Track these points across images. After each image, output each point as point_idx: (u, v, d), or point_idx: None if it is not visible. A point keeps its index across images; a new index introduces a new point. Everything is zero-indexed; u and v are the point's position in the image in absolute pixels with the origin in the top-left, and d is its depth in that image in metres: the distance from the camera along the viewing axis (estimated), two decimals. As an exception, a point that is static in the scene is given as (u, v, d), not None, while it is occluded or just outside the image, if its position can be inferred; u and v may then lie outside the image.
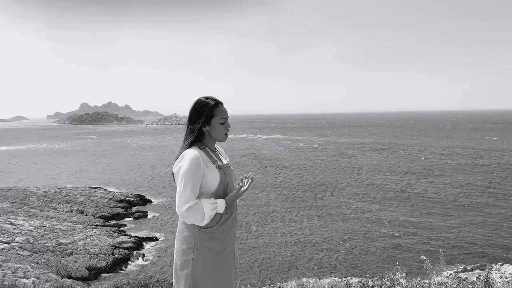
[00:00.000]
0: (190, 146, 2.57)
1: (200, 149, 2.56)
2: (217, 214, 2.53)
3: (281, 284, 5.27)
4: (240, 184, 2.61)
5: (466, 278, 3.31)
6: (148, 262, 19.94)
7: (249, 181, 2.63)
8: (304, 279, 5.03)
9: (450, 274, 3.85)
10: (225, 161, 2.72)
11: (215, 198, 2.54)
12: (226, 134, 2.66)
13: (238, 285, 6.46)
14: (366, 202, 30.34)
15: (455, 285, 3.10)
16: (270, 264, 19.19)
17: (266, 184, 38.48)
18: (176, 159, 2.56)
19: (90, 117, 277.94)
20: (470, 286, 3.08)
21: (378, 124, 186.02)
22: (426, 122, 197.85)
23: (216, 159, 2.61)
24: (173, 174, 2.57)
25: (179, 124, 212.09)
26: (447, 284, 3.13)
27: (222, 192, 2.58)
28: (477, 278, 3.28)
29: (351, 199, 31.58)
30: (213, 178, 2.53)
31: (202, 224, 2.46)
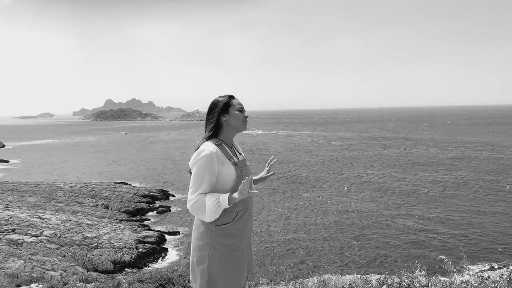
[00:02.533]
0: (208, 139, 2.62)
1: (217, 145, 2.58)
2: (232, 211, 2.56)
3: (303, 280, 5.28)
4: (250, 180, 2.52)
5: (489, 277, 3.25)
6: (172, 256, 20.23)
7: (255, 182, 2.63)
8: (326, 276, 5.03)
9: (476, 273, 3.79)
10: (241, 157, 2.76)
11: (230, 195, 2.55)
12: (244, 122, 2.70)
13: (260, 280, 6.51)
14: (384, 199, 29.97)
15: (476, 284, 3.05)
16: (289, 260, 19.19)
17: (281, 179, 38.43)
18: (195, 151, 2.59)
19: (114, 114, 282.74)
20: (493, 285, 3.02)
21: (400, 119, 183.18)
22: (453, 117, 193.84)
23: (232, 155, 2.63)
24: (190, 171, 2.60)
25: (201, 120, 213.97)
26: (468, 283, 3.08)
27: (237, 188, 2.57)
28: (500, 277, 3.22)
29: (368, 195, 31.25)
30: (229, 175, 2.55)
31: (206, 220, 2.46)
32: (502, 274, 3.16)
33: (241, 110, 2.68)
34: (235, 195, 2.42)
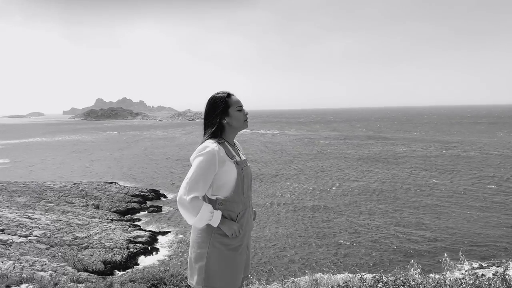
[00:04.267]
0: (212, 139, 2.59)
1: (219, 143, 2.57)
2: (233, 211, 2.58)
3: (295, 279, 5.26)
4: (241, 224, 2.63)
5: (483, 274, 3.26)
6: (163, 256, 20.14)
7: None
8: (318, 275, 5.03)
9: (466, 271, 3.81)
10: (243, 157, 2.74)
11: (234, 194, 2.57)
12: (246, 121, 2.70)
13: (252, 280, 6.49)
14: (371, 199, 30.12)
15: (471, 282, 3.06)
16: (282, 260, 19.22)
17: (265, 179, 38.46)
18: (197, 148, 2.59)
19: (105, 113, 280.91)
20: (487, 283, 3.04)
21: (390, 118, 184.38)
22: (439, 116, 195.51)
23: (234, 154, 2.63)
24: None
25: (192, 119, 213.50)
26: (463, 281, 3.09)
27: (239, 188, 2.59)
28: (493, 274, 3.24)
29: (355, 195, 31.35)
30: (231, 173, 2.55)
31: (189, 222, 2.48)
32: (496, 272, 3.18)
33: (241, 109, 2.66)
34: (225, 225, 2.51)
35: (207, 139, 2.58)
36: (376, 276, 3.18)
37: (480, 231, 22.00)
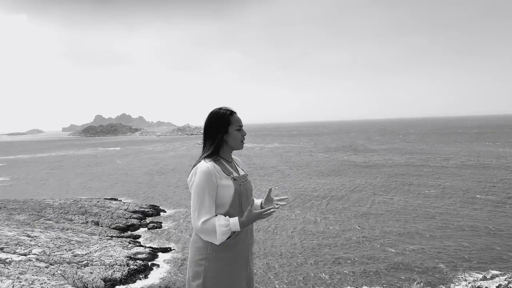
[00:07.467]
0: (207, 157, 2.59)
1: (215, 161, 2.56)
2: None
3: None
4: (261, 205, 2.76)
5: (486, 287, 3.24)
6: (163, 273, 19.96)
7: (275, 207, 2.62)
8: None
9: (469, 283, 3.78)
10: (242, 172, 2.73)
11: (231, 210, 2.54)
12: (242, 141, 2.68)
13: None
14: (376, 211, 29.99)
15: (474, 295, 3.03)
16: (284, 274, 19.04)
17: (275, 190, 38.32)
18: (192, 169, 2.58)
19: (104, 129, 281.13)
20: (490, 296, 3.01)
21: (388, 130, 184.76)
22: (437, 127, 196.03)
23: (231, 170, 2.62)
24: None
25: (191, 134, 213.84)
26: (466, 294, 3.06)
27: (237, 205, 2.57)
28: (497, 287, 3.21)
29: (350, 208, 31.22)
30: (228, 190, 2.53)
31: (217, 242, 2.44)
32: (500, 285, 3.15)
33: (240, 128, 2.66)
34: (243, 218, 2.43)
35: (203, 158, 2.58)
36: (379, 291, 3.14)
37: (482, 243, 21.87)
